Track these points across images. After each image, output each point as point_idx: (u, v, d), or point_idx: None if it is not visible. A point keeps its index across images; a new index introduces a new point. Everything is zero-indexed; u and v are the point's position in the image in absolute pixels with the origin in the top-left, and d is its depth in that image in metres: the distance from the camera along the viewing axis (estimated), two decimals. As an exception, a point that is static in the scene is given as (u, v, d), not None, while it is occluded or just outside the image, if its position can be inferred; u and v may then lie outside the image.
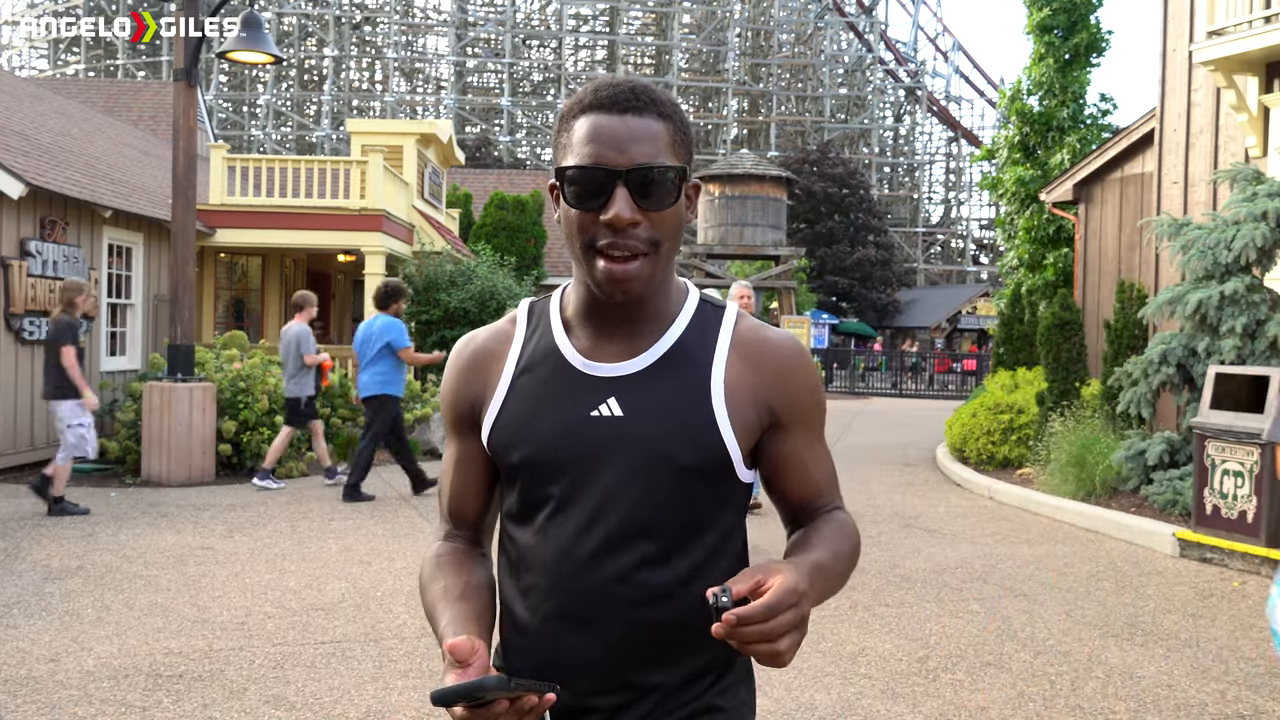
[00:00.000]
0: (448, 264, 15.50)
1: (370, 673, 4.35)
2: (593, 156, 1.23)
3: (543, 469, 1.30)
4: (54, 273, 10.22)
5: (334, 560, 6.43)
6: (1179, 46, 10.84)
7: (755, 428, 1.33)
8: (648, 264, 1.25)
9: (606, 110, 1.25)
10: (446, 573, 1.35)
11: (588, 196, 1.24)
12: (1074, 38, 18.02)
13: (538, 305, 1.42)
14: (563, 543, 1.29)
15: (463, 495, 1.43)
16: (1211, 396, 7.26)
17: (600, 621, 1.27)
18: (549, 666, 1.30)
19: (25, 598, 5.39)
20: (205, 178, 15.12)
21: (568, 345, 1.34)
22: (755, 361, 1.33)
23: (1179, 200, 10.81)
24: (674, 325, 1.33)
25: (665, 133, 1.26)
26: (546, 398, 1.32)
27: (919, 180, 52.89)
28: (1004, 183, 18.94)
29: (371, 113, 46.48)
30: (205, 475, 9.39)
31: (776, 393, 1.34)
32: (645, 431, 1.28)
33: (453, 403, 1.41)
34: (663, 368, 1.31)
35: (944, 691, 4.27)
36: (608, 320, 1.32)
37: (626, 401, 1.29)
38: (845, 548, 1.32)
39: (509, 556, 1.37)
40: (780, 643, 1.07)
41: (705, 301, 1.38)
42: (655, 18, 49.60)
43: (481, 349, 1.40)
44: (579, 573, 1.27)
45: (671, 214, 1.26)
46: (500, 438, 1.34)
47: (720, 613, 1.06)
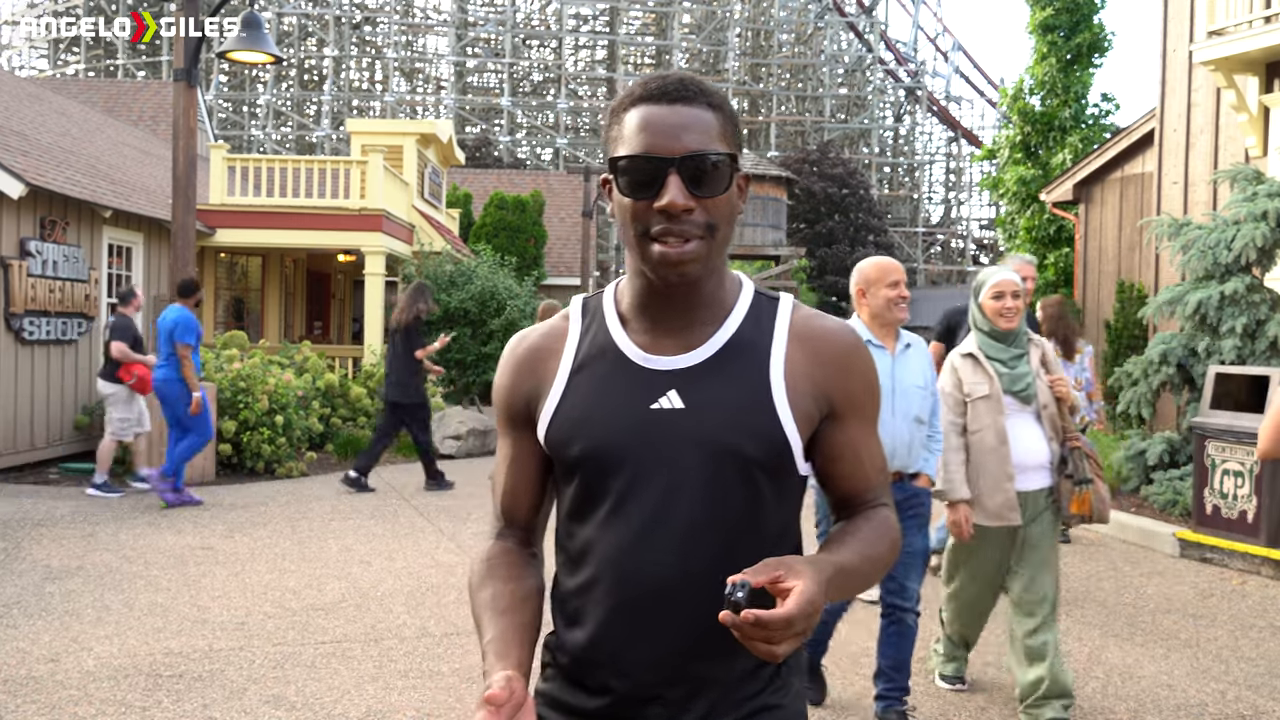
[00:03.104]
0: (448, 264, 15.51)
1: (370, 673, 4.35)
2: (645, 145, 1.25)
3: (603, 462, 1.30)
4: (54, 273, 10.22)
5: (334, 560, 6.43)
6: (1179, 46, 10.84)
7: (814, 418, 1.33)
8: (703, 246, 1.27)
9: (656, 101, 1.27)
10: (496, 578, 1.35)
11: (641, 185, 1.25)
12: (1076, 37, 18.03)
13: (591, 301, 1.42)
14: (626, 536, 1.29)
15: (516, 492, 1.42)
16: (1211, 396, 7.25)
17: (663, 614, 1.27)
18: (610, 661, 1.30)
19: (25, 598, 5.38)
20: (205, 178, 15.12)
21: (625, 339, 1.34)
22: (813, 351, 1.34)
23: (1179, 200, 10.81)
24: (731, 316, 1.34)
25: (715, 122, 1.28)
26: (605, 392, 1.32)
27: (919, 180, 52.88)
28: (1005, 182, 18.94)
29: (371, 113, 46.48)
30: (205, 475, 9.39)
31: (834, 382, 1.34)
32: (708, 424, 1.28)
33: (507, 399, 1.41)
34: (722, 359, 1.31)
35: (944, 691, 4.28)
36: (664, 312, 1.33)
37: (688, 394, 1.30)
38: (879, 550, 1.33)
39: (567, 552, 1.37)
40: (780, 645, 1.08)
41: (760, 293, 1.39)
42: (655, 18, 49.59)
43: (536, 345, 1.41)
44: (643, 566, 1.27)
45: (724, 200, 1.28)
46: (558, 432, 1.33)
47: (736, 606, 1.06)
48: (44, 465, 10.03)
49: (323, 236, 14.30)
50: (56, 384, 10.38)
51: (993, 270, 3.90)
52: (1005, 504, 3.73)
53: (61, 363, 10.48)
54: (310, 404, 11.03)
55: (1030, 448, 3.81)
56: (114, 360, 8.52)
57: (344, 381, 11.93)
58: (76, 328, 10.66)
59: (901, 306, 3.74)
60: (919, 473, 3.85)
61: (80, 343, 10.79)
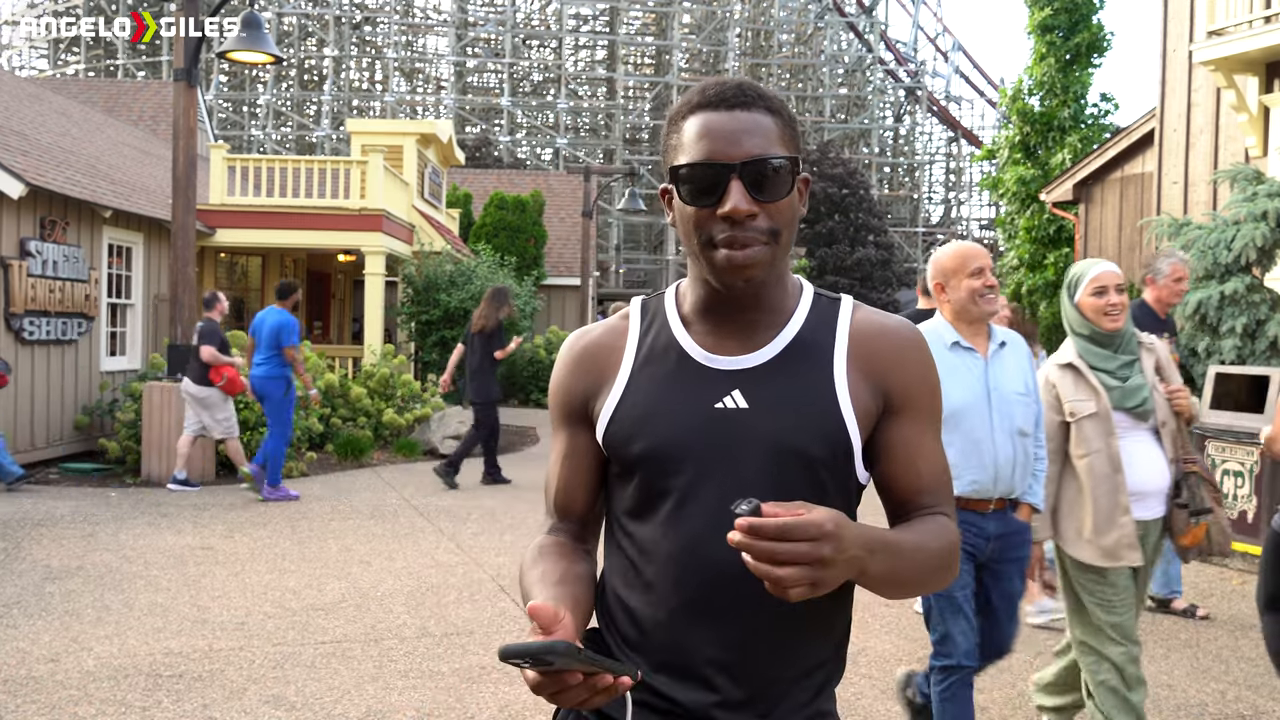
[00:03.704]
0: (448, 264, 15.51)
1: (370, 673, 4.35)
2: (706, 153, 1.25)
3: (666, 461, 1.29)
4: (54, 273, 10.22)
5: (334, 560, 6.43)
6: (1179, 46, 10.84)
7: (873, 415, 1.32)
8: (767, 251, 1.26)
9: (715, 108, 1.27)
10: (548, 559, 1.34)
11: (703, 193, 1.25)
12: (1075, 38, 18.02)
13: (651, 301, 1.42)
14: (690, 536, 1.28)
15: (571, 488, 1.42)
16: (1212, 396, 7.25)
17: (728, 614, 1.27)
18: (675, 661, 1.29)
19: (25, 598, 5.39)
20: (205, 178, 15.12)
21: (688, 339, 1.34)
22: (873, 348, 1.33)
23: (1179, 200, 10.81)
24: (794, 318, 1.34)
25: (775, 126, 1.28)
26: (668, 390, 1.32)
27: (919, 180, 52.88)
28: (1004, 182, 18.94)
29: (371, 113, 46.48)
30: (205, 475, 9.39)
31: (891, 377, 1.33)
32: (773, 423, 1.28)
33: (564, 397, 1.41)
34: (785, 360, 1.31)
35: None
36: (727, 315, 1.33)
37: (751, 394, 1.29)
38: (933, 544, 1.28)
39: (625, 554, 1.35)
40: (785, 570, 1.04)
41: (820, 294, 1.39)
42: (655, 18, 49.58)
43: (595, 343, 1.41)
44: (711, 566, 1.26)
45: (786, 204, 1.28)
46: (619, 430, 1.33)
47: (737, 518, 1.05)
48: (44, 465, 10.03)
49: (323, 236, 14.30)
50: (56, 384, 10.38)
51: (1089, 263, 3.36)
52: (1122, 541, 3.16)
53: (61, 363, 10.48)
54: (310, 404, 11.03)
55: (1149, 472, 3.25)
56: (204, 364, 8.72)
57: (344, 381, 11.93)
58: (76, 328, 10.66)
59: (989, 298, 3.16)
60: (1021, 501, 3.23)
61: (80, 343, 10.79)
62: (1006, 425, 3.13)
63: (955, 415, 3.07)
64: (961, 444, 3.09)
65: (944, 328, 3.24)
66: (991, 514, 3.14)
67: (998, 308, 3.20)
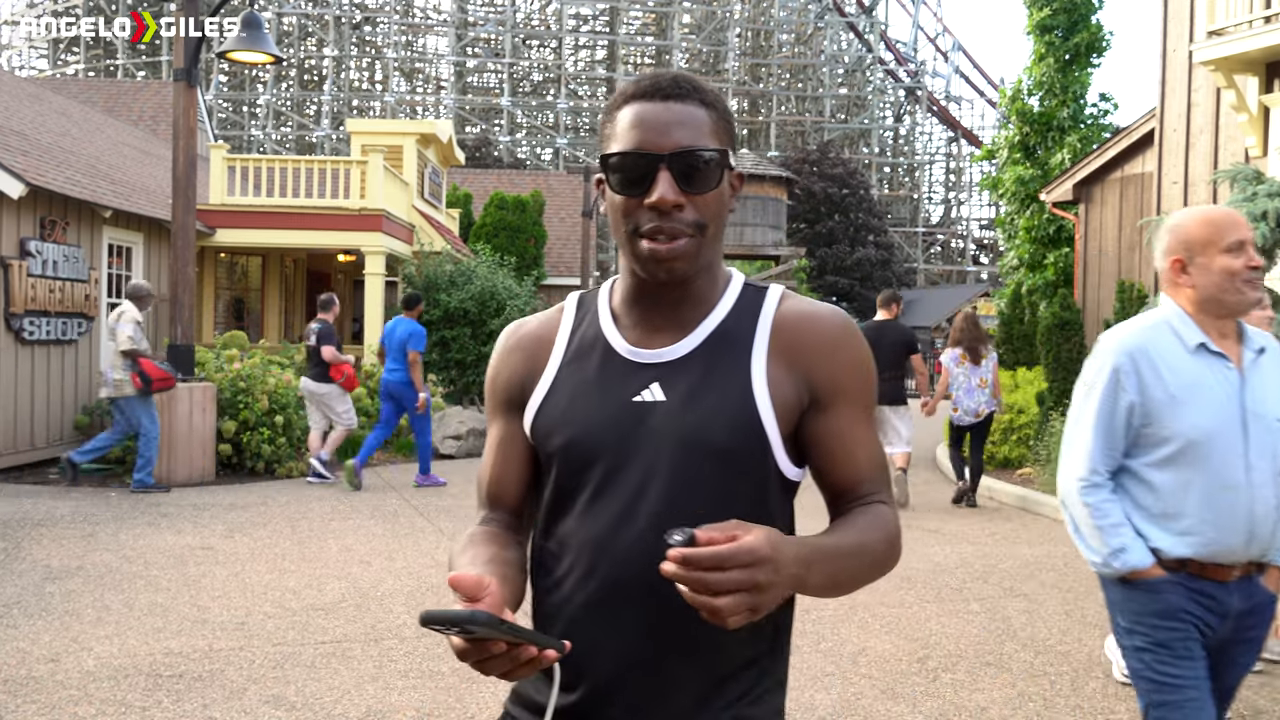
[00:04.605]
0: (448, 264, 15.49)
1: (370, 673, 4.35)
2: (636, 142, 1.25)
3: (582, 454, 1.30)
4: (54, 273, 10.22)
5: (334, 560, 6.43)
6: (1179, 46, 10.84)
7: (795, 407, 1.30)
8: (693, 244, 1.27)
9: (649, 98, 1.27)
10: (477, 545, 1.32)
11: (632, 182, 1.25)
12: (1074, 38, 18.02)
13: (587, 296, 1.43)
14: (602, 528, 1.28)
15: (504, 478, 1.42)
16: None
17: (638, 607, 1.26)
18: (586, 653, 1.27)
19: (25, 598, 5.39)
20: (205, 178, 15.12)
21: (614, 332, 1.35)
22: (798, 338, 1.32)
23: (1179, 200, 10.81)
24: (717, 309, 1.34)
25: (707, 119, 1.28)
26: (591, 384, 1.32)
27: (919, 180, 52.89)
28: (1004, 182, 18.95)
29: (371, 113, 46.49)
30: (205, 475, 9.39)
31: (818, 368, 1.31)
32: (685, 414, 1.28)
33: (500, 385, 1.42)
34: (705, 351, 1.31)
35: (944, 691, 4.27)
36: (653, 307, 1.33)
37: (669, 386, 1.29)
38: (873, 539, 1.27)
39: (546, 546, 1.36)
40: (721, 600, 1.02)
41: (749, 284, 1.38)
42: (655, 18, 49.59)
43: (531, 334, 1.42)
44: (618, 558, 1.26)
45: (714, 197, 1.28)
46: (543, 424, 1.34)
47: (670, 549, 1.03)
48: (44, 465, 10.03)
49: (323, 236, 14.30)
50: (56, 384, 10.38)
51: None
52: None
53: (61, 363, 10.48)
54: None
55: None
56: (324, 362, 9.49)
57: (344, 381, 11.93)
58: (76, 328, 10.66)
59: (1253, 282, 2.24)
60: (1271, 565, 2.33)
61: (80, 343, 10.79)
62: (1265, 463, 2.27)
63: (1196, 447, 2.25)
64: (1204, 487, 2.25)
65: (1182, 322, 2.31)
66: (1236, 583, 2.29)
67: (1260, 298, 2.34)
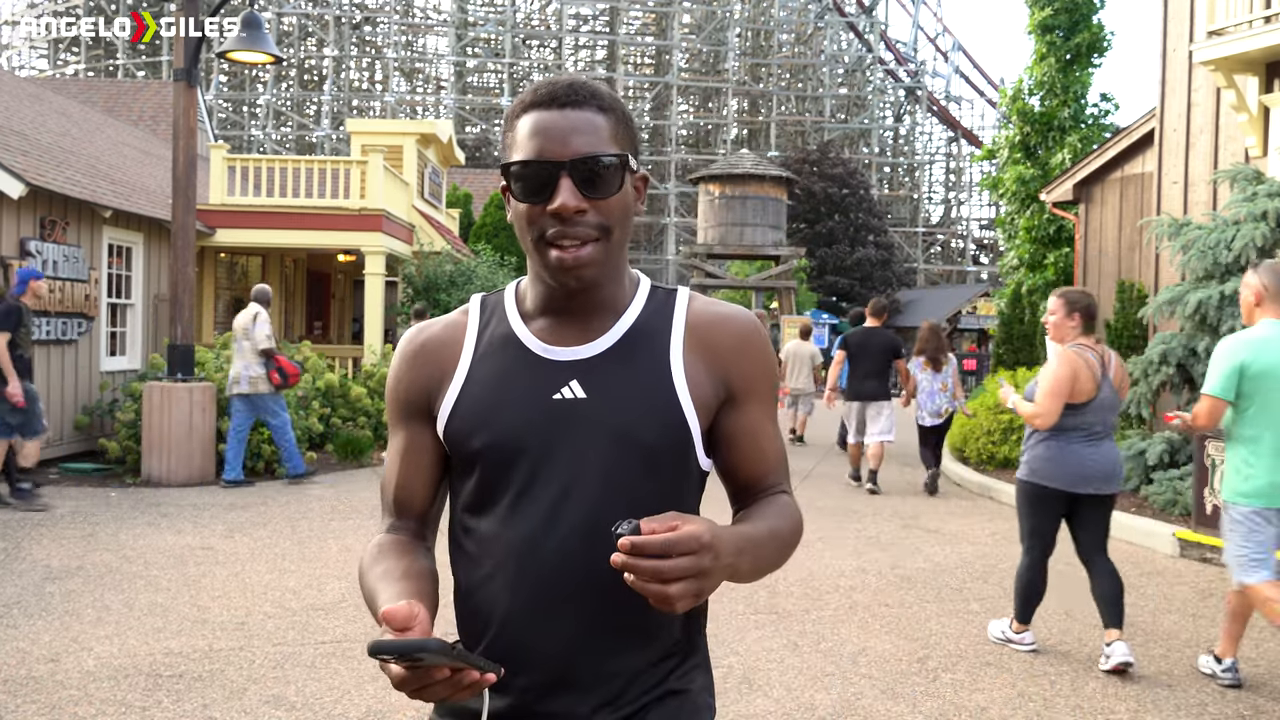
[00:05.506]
0: (448, 264, 15.50)
1: (370, 673, 4.35)
2: (535, 150, 1.26)
3: (505, 454, 1.30)
4: (54, 273, 10.21)
5: (334, 560, 6.43)
6: (1179, 46, 10.84)
7: (712, 404, 1.34)
8: (599, 249, 1.28)
9: (546, 106, 1.28)
10: (388, 557, 1.33)
11: (534, 190, 1.27)
12: (1075, 38, 18.03)
13: (490, 298, 1.44)
14: (528, 529, 1.28)
15: (410, 486, 1.41)
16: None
17: (569, 607, 1.27)
18: (516, 656, 1.28)
19: (25, 598, 5.39)
20: (205, 178, 15.12)
21: (525, 332, 1.35)
22: (712, 338, 1.36)
23: (1179, 200, 10.81)
24: (629, 309, 1.36)
25: (606, 124, 1.29)
26: (507, 383, 1.32)
27: (919, 180, 52.90)
28: (1004, 182, 18.96)
29: (371, 113, 46.50)
30: (205, 475, 9.39)
31: (732, 367, 1.36)
32: (610, 412, 1.29)
33: (402, 393, 1.41)
34: (622, 349, 1.33)
35: (944, 691, 4.27)
36: (564, 309, 1.34)
37: (589, 383, 1.30)
38: (783, 527, 1.33)
39: (465, 550, 1.35)
40: (671, 586, 1.05)
41: (657, 286, 1.41)
42: (655, 18, 49.60)
43: (434, 338, 1.41)
44: (546, 558, 1.27)
45: (617, 201, 1.29)
46: (459, 425, 1.33)
47: (619, 540, 1.06)
48: (44, 465, 10.02)
49: (323, 236, 14.29)
50: (56, 384, 10.37)
51: None
52: None
53: (61, 363, 10.47)
54: (310, 404, 11.04)
55: None
56: None
57: (344, 381, 11.93)
58: (76, 328, 10.65)
59: None
60: None
61: (80, 343, 10.78)
62: None
63: None
64: None
65: None
66: None
67: None
